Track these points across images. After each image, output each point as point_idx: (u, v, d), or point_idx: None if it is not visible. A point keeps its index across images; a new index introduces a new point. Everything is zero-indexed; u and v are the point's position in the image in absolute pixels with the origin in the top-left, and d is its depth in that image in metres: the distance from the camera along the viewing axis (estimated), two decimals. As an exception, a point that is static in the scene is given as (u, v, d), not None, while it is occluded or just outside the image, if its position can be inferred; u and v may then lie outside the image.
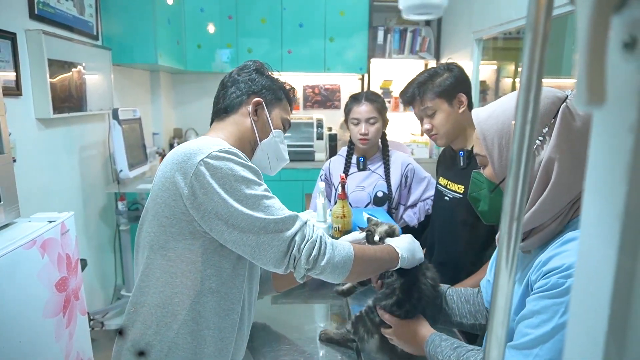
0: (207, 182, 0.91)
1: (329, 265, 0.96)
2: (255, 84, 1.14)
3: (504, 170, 0.84)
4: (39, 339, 1.37)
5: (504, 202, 0.36)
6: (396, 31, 3.98)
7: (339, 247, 1.00)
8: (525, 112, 0.34)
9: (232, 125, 1.12)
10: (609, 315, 0.22)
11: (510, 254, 0.37)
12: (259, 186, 0.97)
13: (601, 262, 0.24)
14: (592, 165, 0.25)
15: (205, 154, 0.93)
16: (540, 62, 0.32)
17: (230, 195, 0.92)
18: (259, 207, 0.93)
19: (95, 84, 2.64)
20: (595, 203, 0.25)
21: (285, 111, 1.20)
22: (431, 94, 1.51)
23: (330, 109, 4.34)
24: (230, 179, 0.92)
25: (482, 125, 0.86)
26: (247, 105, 1.12)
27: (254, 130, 1.12)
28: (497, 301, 0.38)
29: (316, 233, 0.98)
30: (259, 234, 0.92)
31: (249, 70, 1.16)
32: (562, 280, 0.72)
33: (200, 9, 3.69)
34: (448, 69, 1.54)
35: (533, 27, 0.31)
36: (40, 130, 2.16)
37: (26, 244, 1.32)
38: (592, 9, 0.20)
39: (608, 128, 0.21)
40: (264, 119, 1.14)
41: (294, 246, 0.94)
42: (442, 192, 1.64)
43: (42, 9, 2.16)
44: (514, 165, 0.36)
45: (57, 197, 2.30)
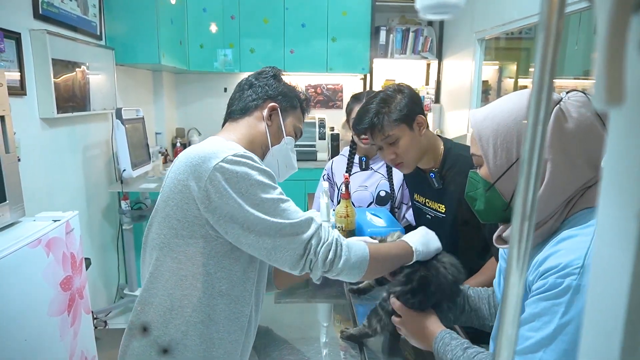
0: (223, 187, 0.92)
1: (345, 267, 0.97)
2: (272, 89, 1.14)
3: (498, 170, 0.85)
4: (44, 338, 1.38)
5: (515, 202, 0.36)
6: (398, 31, 3.98)
7: (355, 248, 1.00)
8: (537, 112, 0.34)
9: (245, 128, 1.12)
10: (625, 316, 0.23)
11: (521, 254, 0.37)
12: (274, 190, 0.97)
13: (617, 262, 0.24)
14: (609, 164, 0.25)
15: (221, 158, 0.93)
16: (553, 62, 0.33)
17: (245, 200, 0.92)
18: (275, 210, 0.94)
19: (99, 83, 2.64)
20: (611, 203, 0.25)
21: (299, 120, 1.19)
22: (391, 121, 1.40)
23: (332, 108, 4.34)
24: (245, 183, 0.93)
25: (478, 126, 0.87)
26: (262, 110, 1.12)
27: (267, 134, 1.11)
28: (508, 300, 0.38)
29: (332, 235, 0.98)
30: (276, 237, 0.93)
31: (266, 75, 1.16)
32: (560, 280, 0.71)
33: (203, 9, 3.70)
34: (399, 91, 1.45)
35: (546, 26, 0.31)
36: (44, 129, 2.17)
37: (31, 243, 1.33)
38: (611, 9, 0.20)
39: (625, 128, 0.22)
40: (278, 125, 1.13)
41: (311, 249, 0.95)
42: (421, 209, 1.62)
43: (47, 9, 2.16)
44: (525, 165, 0.36)
45: (61, 196, 2.31)
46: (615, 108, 0.22)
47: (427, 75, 4.27)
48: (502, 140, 0.83)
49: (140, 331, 1.02)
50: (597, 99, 0.22)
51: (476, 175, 0.91)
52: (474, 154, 0.92)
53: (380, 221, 1.64)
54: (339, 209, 1.57)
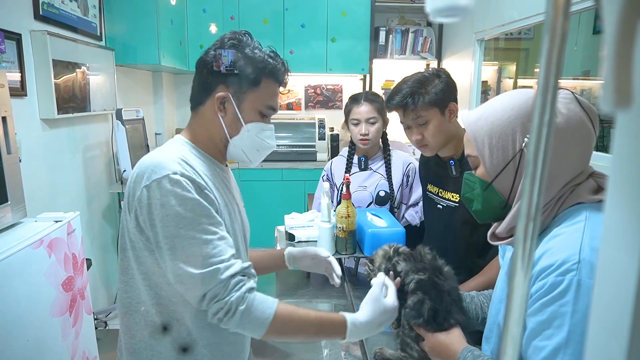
0: (149, 207, 0.91)
1: (236, 328, 0.93)
2: (222, 71, 1.00)
3: (495, 169, 0.86)
4: (46, 338, 1.38)
5: (521, 203, 0.37)
6: (398, 32, 3.98)
7: (254, 314, 0.92)
8: (542, 114, 0.35)
9: (201, 122, 1.05)
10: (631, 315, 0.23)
11: (526, 254, 0.37)
12: (195, 226, 0.91)
13: (623, 263, 0.24)
14: (616, 166, 0.26)
15: (157, 176, 0.91)
16: (558, 63, 0.33)
17: (161, 229, 0.90)
18: (182, 250, 0.90)
19: (99, 84, 2.65)
20: (618, 205, 0.26)
21: (266, 96, 1.03)
22: (424, 102, 1.41)
23: (332, 109, 4.34)
24: (169, 210, 0.90)
25: (472, 127, 0.88)
26: (213, 99, 1.01)
27: (223, 127, 1.02)
28: (513, 300, 0.39)
29: (233, 294, 0.91)
30: (175, 280, 0.92)
31: (218, 51, 1.01)
32: (560, 278, 0.71)
33: (203, 10, 3.70)
34: (437, 76, 1.46)
35: (551, 28, 0.31)
36: (44, 130, 2.17)
37: (33, 244, 1.33)
38: (620, 14, 0.20)
39: (633, 130, 0.22)
40: (233, 113, 1.01)
41: (205, 301, 0.92)
42: (433, 200, 1.60)
43: (47, 9, 2.16)
44: (530, 166, 0.36)
45: (61, 196, 2.31)
46: (623, 110, 0.22)
47: (427, 75, 4.28)
48: (497, 139, 0.84)
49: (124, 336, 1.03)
50: (605, 102, 0.23)
51: (472, 176, 0.92)
52: (469, 155, 0.92)
53: (381, 221, 1.65)
54: (339, 209, 1.58)
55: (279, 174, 3.75)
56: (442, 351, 0.99)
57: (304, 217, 1.81)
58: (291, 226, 1.77)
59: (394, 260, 1.13)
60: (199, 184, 0.94)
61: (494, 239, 0.92)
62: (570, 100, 0.82)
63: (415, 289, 1.05)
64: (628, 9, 0.20)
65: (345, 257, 1.63)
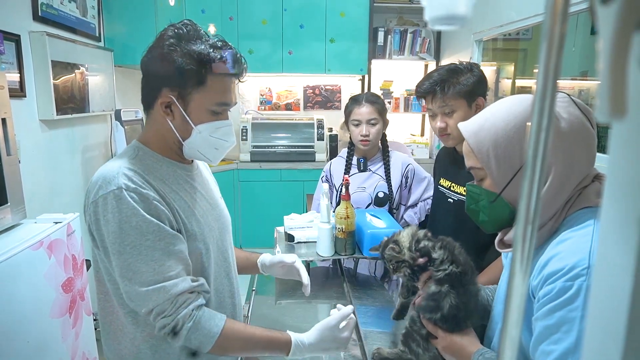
0: (97, 222, 0.92)
1: (182, 343, 0.94)
2: (163, 74, 0.93)
3: (503, 180, 0.84)
4: (46, 339, 1.38)
5: (519, 207, 0.37)
6: (396, 32, 3.99)
7: (200, 331, 0.94)
8: (540, 119, 0.35)
9: (153, 125, 1.01)
10: (627, 316, 0.24)
11: (524, 256, 0.38)
12: (140, 240, 0.90)
13: (620, 264, 0.25)
14: (612, 172, 0.26)
15: (103, 192, 0.90)
16: (556, 70, 0.34)
17: (108, 245, 0.91)
18: (127, 267, 0.90)
19: (98, 85, 2.65)
20: (614, 208, 0.26)
21: (215, 94, 0.96)
22: (454, 92, 1.43)
23: (330, 109, 4.35)
24: (113, 226, 0.89)
25: (473, 139, 0.86)
26: (160, 100, 0.96)
27: (173, 131, 0.98)
28: (512, 302, 0.39)
29: (181, 311, 0.92)
30: (126, 298, 0.94)
31: (161, 46, 0.93)
32: (569, 284, 0.70)
33: (202, 10, 3.70)
34: (469, 69, 1.47)
35: (549, 34, 0.32)
36: (43, 131, 2.17)
37: (33, 245, 1.33)
38: (615, 27, 0.21)
39: (627, 139, 0.23)
40: (181, 116, 0.96)
41: (152, 316, 0.92)
42: (444, 194, 1.61)
43: (46, 10, 2.17)
44: (529, 171, 0.37)
45: (60, 197, 2.31)
46: (618, 120, 0.23)
47: (425, 76, 4.29)
48: (503, 150, 0.82)
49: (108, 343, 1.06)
50: (601, 112, 0.24)
51: (475, 187, 0.90)
52: (472, 167, 0.89)
53: (380, 222, 1.65)
54: (339, 210, 1.58)
55: (277, 174, 3.76)
56: (457, 351, 0.96)
57: (304, 218, 1.82)
58: (290, 227, 1.77)
59: (423, 243, 1.05)
60: (147, 196, 0.91)
61: (502, 247, 0.91)
62: (568, 103, 0.81)
63: (443, 280, 0.98)
64: (623, 22, 0.21)
65: (344, 257, 1.64)
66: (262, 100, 4.24)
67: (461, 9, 0.31)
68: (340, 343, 1.06)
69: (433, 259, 1.01)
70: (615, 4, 0.21)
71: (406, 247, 1.07)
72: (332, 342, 1.04)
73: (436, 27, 0.31)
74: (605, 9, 0.22)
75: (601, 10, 0.23)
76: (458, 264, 0.99)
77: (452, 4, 0.30)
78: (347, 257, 1.65)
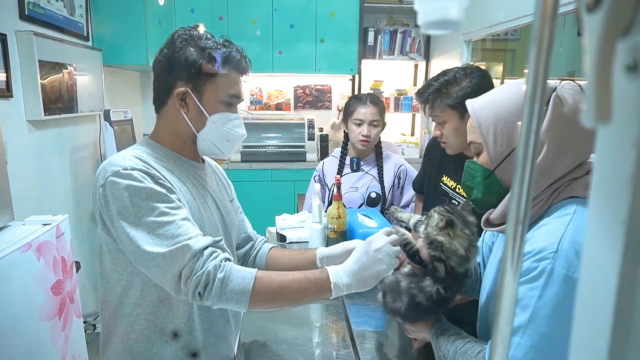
0: (107, 204, 0.92)
1: (219, 301, 0.91)
2: (178, 68, 0.99)
3: (498, 157, 0.86)
4: (35, 343, 1.37)
5: (510, 205, 0.38)
6: (386, 32, 4.01)
7: (234, 281, 0.91)
8: (530, 122, 0.36)
9: (166, 122, 1.05)
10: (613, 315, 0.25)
11: (515, 256, 0.39)
12: (152, 210, 0.91)
13: (606, 266, 0.26)
14: (598, 175, 0.27)
15: (109, 173, 0.92)
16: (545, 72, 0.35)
17: (122, 221, 0.91)
18: (147, 235, 0.90)
19: (86, 85, 2.62)
20: (600, 210, 0.27)
21: (225, 85, 1.03)
22: (442, 104, 1.42)
23: (321, 109, 4.35)
24: (124, 201, 0.90)
25: (477, 114, 0.88)
26: (173, 97, 1.01)
27: (188, 122, 1.02)
28: (503, 300, 0.40)
29: (209, 264, 0.90)
30: (149, 267, 0.91)
31: (173, 47, 1.01)
32: (535, 264, 0.73)
33: (191, 10, 3.68)
34: (470, 75, 1.42)
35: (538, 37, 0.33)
36: (31, 132, 2.14)
37: (22, 248, 1.32)
38: (600, 35, 0.22)
39: (613, 143, 0.24)
40: (195, 107, 1.01)
41: (182, 280, 0.90)
42: (447, 194, 1.58)
43: (33, 9, 2.14)
44: (519, 170, 0.38)
45: (49, 199, 2.29)
46: (604, 124, 0.24)
47: (415, 76, 4.32)
48: (502, 126, 0.85)
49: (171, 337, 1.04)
50: (587, 117, 0.24)
51: (474, 164, 0.92)
52: (472, 141, 0.92)
53: (371, 222, 1.66)
54: (330, 210, 1.59)
55: (268, 174, 3.75)
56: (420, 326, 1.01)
57: (295, 218, 1.82)
58: (282, 227, 1.77)
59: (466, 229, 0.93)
60: (153, 175, 0.94)
61: (488, 225, 0.93)
62: (577, 92, 0.82)
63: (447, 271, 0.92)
64: (607, 30, 0.22)
65: (336, 257, 1.64)
66: (252, 100, 4.23)
67: (453, 14, 0.31)
68: (389, 259, 0.95)
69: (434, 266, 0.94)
70: (600, 12, 0.22)
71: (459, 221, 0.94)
72: (377, 261, 0.94)
73: (430, 31, 0.32)
74: (590, 17, 0.23)
75: (587, 18, 0.24)
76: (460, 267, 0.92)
77: (445, 9, 0.31)
78: (339, 257, 1.65)
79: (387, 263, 0.96)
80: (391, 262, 0.96)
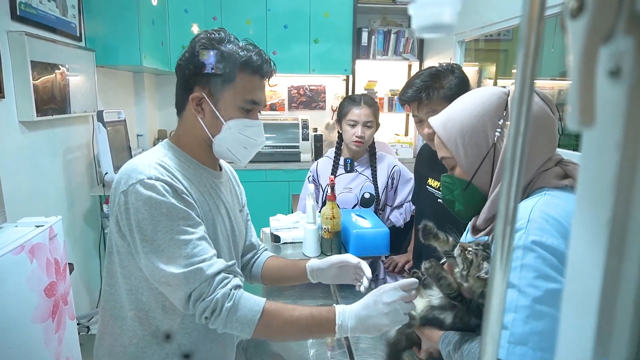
0: (127, 212, 0.92)
1: (224, 327, 0.92)
2: (194, 73, 0.99)
3: (472, 167, 0.88)
4: (29, 345, 1.36)
5: (499, 207, 0.39)
6: (380, 32, 4.02)
7: (242, 311, 0.92)
8: (518, 124, 0.37)
9: (185, 126, 1.05)
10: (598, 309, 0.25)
11: (504, 255, 0.39)
12: (171, 226, 0.91)
13: (590, 264, 0.26)
14: (583, 177, 0.28)
15: (133, 181, 0.92)
16: (532, 78, 0.35)
17: (139, 233, 0.91)
18: (162, 252, 0.90)
19: (79, 85, 2.60)
20: (585, 211, 0.28)
21: (244, 91, 1.00)
22: (439, 97, 1.41)
23: (315, 109, 4.36)
24: (144, 214, 0.90)
25: (442, 130, 0.91)
26: (192, 98, 1.01)
27: (204, 128, 1.02)
28: (492, 300, 0.41)
29: (219, 291, 0.91)
30: (160, 282, 0.92)
31: (192, 51, 1.00)
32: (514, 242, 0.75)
33: (185, 10, 3.67)
34: (451, 71, 1.45)
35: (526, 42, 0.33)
36: (23, 133, 2.13)
37: (15, 250, 1.31)
38: (583, 41, 0.22)
39: (596, 146, 0.24)
40: (211, 112, 1.00)
41: (191, 302, 0.91)
42: (433, 194, 1.59)
43: (24, 10, 2.12)
44: (507, 173, 0.38)
45: (42, 200, 2.27)
46: (588, 128, 0.24)
47: (409, 76, 4.33)
48: (469, 137, 0.87)
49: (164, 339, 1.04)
50: (571, 121, 0.25)
51: (450, 177, 0.94)
52: (444, 157, 0.94)
53: (365, 222, 1.67)
54: (324, 210, 1.60)
55: (262, 174, 3.75)
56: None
57: (289, 219, 1.82)
58: (276, 227, 1.78)
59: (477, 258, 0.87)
60: (176, 188, 0.94)
61: (476, 232, 0.94)
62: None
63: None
64: (590, 37, 0.22)
65: (330, 257, 1.65)
66: (246, 101, 4.22)
67: (447, 18, 0.32)
68: (394, 316, 0.90)
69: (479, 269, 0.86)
70: (583, 18, 0.23)
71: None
72: (381, 315, 0.90)
73: (424, 35, 0.32)
74: (574, 24, 0.24)
75: (571, 24, 0.24)
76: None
77: (438, 14, 0.32)
78: (333, 257, 1.66)
79: (392, 320, 0.90)
80: (397, 319, 0.91)
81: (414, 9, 0.35)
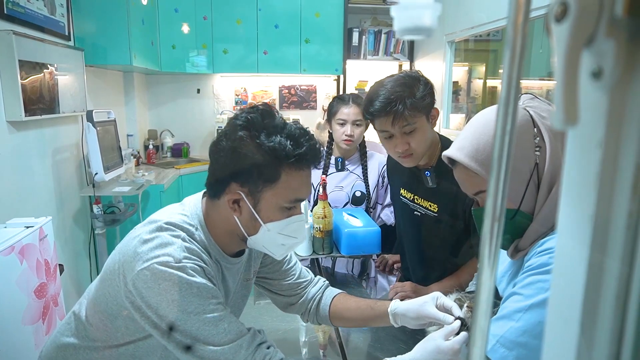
0: (150, 288, 0.84)
1: None
2: (233, 167, 0.87)
3: (517, 194, 0.81)
4: (18, 347, 1.35)
5: (486, 205, 0.40)
6: (371, 33, 4.04)
7: None
8: (505, 122, 0.38)
9: (217, 214, 0.94)
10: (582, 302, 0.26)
11: (492, 252, 0.40)
12: (203, 309, 0.85)
13: (575, 257, 0.28)
14: (567, 175, 0.29)
15: (152, 260, 0.84)
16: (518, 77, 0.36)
17: (170, 312, 0.84)
18: (197, 334, 0.84)
19: (68, 85, 2.58)
20: (570, 207, 0.29)
21: (288, 191, 0.88)
22: (413, 108, 1.26)
23: (306, 109, 4.36)
24: (175, 294, 0.83)
25: (474, 165, 0.82)
26: (228, 196, 0.90)
27: (240, 227, 0.91)
28: (481, 295, 0.42)
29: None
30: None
31: (231, 136, 0.87)
32: (551, 260, 0.76)
33: (175, 9, 3.66)
34: (416, 78, 1.33)
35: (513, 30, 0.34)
36: (11, 133, 2.11)
37: (4, 251, 1.30)
38: (566, 44, 0.23)
39: (580, 144, 0.25)
40: (249, 213, 0.90)
41: None
42: (408, 206, 1.52)
43: (12, 8, 2.10)
44: (494, 171, 0.39)
45: (31, 201, 2.25)
46: (571, 127, 0.25)
47: (399, 76, 4.36)
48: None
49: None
50: (556, 120, 0.26)
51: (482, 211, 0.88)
52: (481, 190, 0.86)
53: (357, 221, 1.68)
54: (316, 210, 1.60)
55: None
56: None
57: (281, 218, 1.82)
58: (268, 227, 1.78)
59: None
60: (204, 269, 0.88)
61: (517, 254, 0.88)
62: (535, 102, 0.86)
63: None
64: (573, 39, 0.23)
65: (322, 256, 1.66)
66: (237, 101, 4.22)
67: (426, 21, 0.33)
68: (444, 355, 0.86)
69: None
70: (567, 22, 0.24)
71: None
72: (435, 353, 0.86)
73: (405, 37, 0.33)
74: (558, 27, 0.25)
75: (555, 28, 0.25)
76: None
77: (418, 17, 0.33)
78: (325, 256, 1.67)
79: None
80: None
81: (395, 11, 0.36)
